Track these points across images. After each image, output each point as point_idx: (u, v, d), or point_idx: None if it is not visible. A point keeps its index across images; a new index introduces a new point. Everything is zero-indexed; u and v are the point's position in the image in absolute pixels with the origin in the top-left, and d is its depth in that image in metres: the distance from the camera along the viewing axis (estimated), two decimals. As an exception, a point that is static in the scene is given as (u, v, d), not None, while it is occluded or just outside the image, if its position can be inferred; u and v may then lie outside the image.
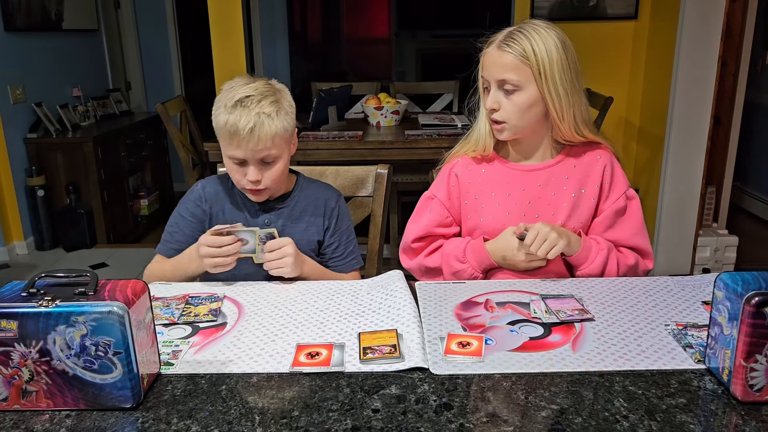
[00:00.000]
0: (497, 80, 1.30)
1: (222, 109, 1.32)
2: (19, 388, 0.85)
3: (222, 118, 1.31)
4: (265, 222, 1.43)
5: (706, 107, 3.03)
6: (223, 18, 3.26)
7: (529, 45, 1.26)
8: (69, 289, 0.86)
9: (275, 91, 1.35)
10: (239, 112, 1.30)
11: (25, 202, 3.78)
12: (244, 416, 0.84)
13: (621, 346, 1.00)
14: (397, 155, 2.77)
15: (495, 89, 1.31)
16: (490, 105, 1.31)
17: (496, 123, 1.33)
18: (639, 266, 1.38)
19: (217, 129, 1.34)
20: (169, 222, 1.46)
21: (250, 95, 1.31)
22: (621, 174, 1.40)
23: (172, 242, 1.43)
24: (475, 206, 1.41)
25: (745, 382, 0.84)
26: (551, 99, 1.29)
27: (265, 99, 1.32)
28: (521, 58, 1.27)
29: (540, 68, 1.26)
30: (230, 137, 1.31)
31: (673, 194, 3.19)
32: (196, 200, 1.45)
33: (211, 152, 2.81)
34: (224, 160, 1.37)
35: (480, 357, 0.97)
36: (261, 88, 1.33)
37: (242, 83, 1.34)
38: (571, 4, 3.50)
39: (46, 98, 3.92)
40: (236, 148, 1.31)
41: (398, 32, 5.80)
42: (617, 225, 1.38)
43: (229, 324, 1.11)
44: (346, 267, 1.48)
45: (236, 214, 1.43)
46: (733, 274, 0.88)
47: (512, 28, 1.31)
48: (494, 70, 1.30)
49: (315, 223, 1.45)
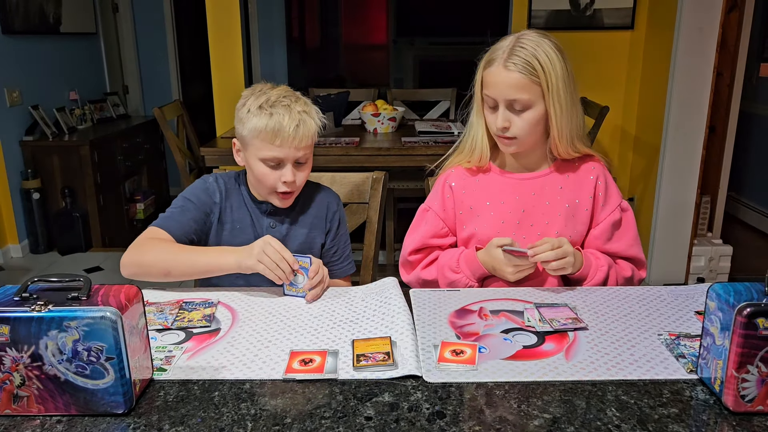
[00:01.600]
0: (507, 100, 1.29)
1: (257, 111, 1.31)
2: (10, 393, 0.85)
3: (261, 119, 1.30)
4: (269, 225, 1.42)
5: (701, 117, 3.05)
6: (221, 23, 3.27)
7: (536, 61, 1.26)
8: (62, 293, 0.86)
9: (299, 94, 1.38)
10: (281, 112, 1.30)
11: (20, 205, 3.77)
12: (237, 423, 0.84)
13: (614, 356, 1.01)
14: (394, 162, 2.77)
15: (504, 108, 1.30)
16: (501, 124, 1.30)
17: (506, 138, 1.33)
18: (634, 277, 1.40)
19: (253, 131, 1.32)
20: (174, 204, 1.40)
21: (285, 95, 1.34)
22: (614, 186, 1.41)
23: (176, 221, 1.35)
24: (470, 216, 1.41)
25: (736, 393, 0.84)
26: (554, 113, 1.29)
27: (299, 99, 1.36)
28: (530, 76, 1.26)
29: (547, 83, 1.27)
30: (273, 137, 1.30)
31: (669, 203, 3.20)
32: (209, 190, 1.41)
33: (207, 157, 2.81)
34: (254, 164, 1.35)
35: (473, 365, 0.97)
36: (288, 91, 1.36)
37: (267, 88, 1.36)
38: (569, 14, 3.52)
39: (42, 101, 3.92)
40: (278, 147, 1.31)
41: (396, 39, 5.82)
42: (614, 237, 1.39)
43: (222, 330, 1.11)
44: (341, 272, 1.49)
45: (244, 213, 1.42)
46: (725, 284, 0.88)
47: (510, 42, 1.29)
48: (503, 90, 1.28)
49: (318, 227, 1.46)
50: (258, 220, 1.42)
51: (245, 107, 1.34)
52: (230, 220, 1.41)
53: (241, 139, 1.37)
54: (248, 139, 1.34)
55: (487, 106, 1.34)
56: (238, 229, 1.41)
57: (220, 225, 1.41)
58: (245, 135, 1.34)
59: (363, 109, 3.31)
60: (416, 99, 4.14)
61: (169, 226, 1.34)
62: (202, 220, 1.38)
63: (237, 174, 1.47)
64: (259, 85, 1.38)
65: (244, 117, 1.33)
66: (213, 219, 1.40)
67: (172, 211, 1.37)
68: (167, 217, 1.36)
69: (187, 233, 1.35)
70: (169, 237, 1.32)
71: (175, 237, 1.32)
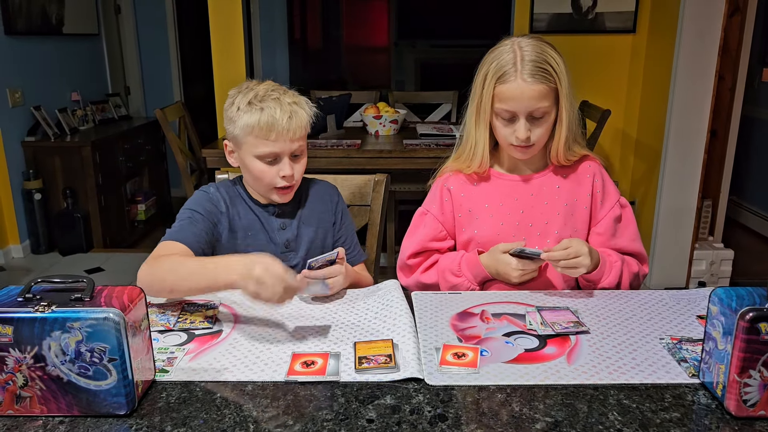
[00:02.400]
0: (528, 111, 1.28)
1: (247, 108, 1.30)
2: (13, 393, 0.85)
3: (252, 116, 1.29)
4: (280, 227, 1.41)
5: (703, 121, 3.05)
6: (223, 25, 3.27)
7: (549, 66, 1.26)
8: (65, 294, 0.86)
9: (285, 87, 1.37)
10: (272, 105, 1.29)
11: (21, 205, 3.77)
12: (239, 425, 0.84)
13: (616, 360, 1.01)
14: (395, 164, 2.77)
15: (524, 119, 1.29)
16: (524, 135, 1.28)
17: (525, 147, 1.32)
18: (640, 272, 1.41)
19: (246, 129, 1.30)
20: (181, 217, 1.34)
21: (273, 89, 1.33)
22: (611, 183, 1.43)
23: (190, 232, 1.30)
24: (468, 219, 1.41)
25: (738, 397, 0.84)
26: (566, 114, 1.30)
27: (287, 92, 1.35)
28: (548, 83, 1.27)
29: (560, 86, 1.28)
30: (267, 132, 1.29)
31: (670, 207, 3.20)
32: (213, 200, 1.38)
33: (209, 158, 2.81)
34: (249, 163, 1.33)
35: (475, 368, 0.97)
36: (274, 85, 1.36)
37: (254, 84, 1.35)
38: (570, 17, 3.52)
39: (44, 102, 3.92)
40: (273, 142, 1.30)
41: (398, 41, 5.83)
42: (617, 233, 1.40)
43: (224, 332, 1.11)
44: (353, 261, 1.47)
45: (252, 219, 1.40)
46: (727, 289, 0.89)
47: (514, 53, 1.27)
48: (525, 102, 1.26)
49: (326, 221, 1.46)
50: (268, 223, 1.41)
51: (234, 105, 1.32)
52: (241, 228, 1.39)
53: (233, 139, 1.35)
54: (241, 137, 1.32)
55: (501, 118, 1.31)
56: (251, 236, 1.39)
57: (232, 234, 1.38)
58: (237, 134, 1.32)
59: (365, 111, 3.32)
60: (418, 101, 4.14)
61: (183, 237, 1.28)
62: (211, 231, 1.34)
63: (233, 181, 1.45)
64: (244, 83, 1.36)
65: (234, 116, 1.31)
66: (221, 229, 1.37)
67: (182, 224, 1.32)
68: (179, 230, 1.30)
69: (201, 244, 1.30)
70: (183, 249, 1.26)
71: (191, 248, 1.26)
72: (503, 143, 1.35)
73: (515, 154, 1.35)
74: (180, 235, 1.29)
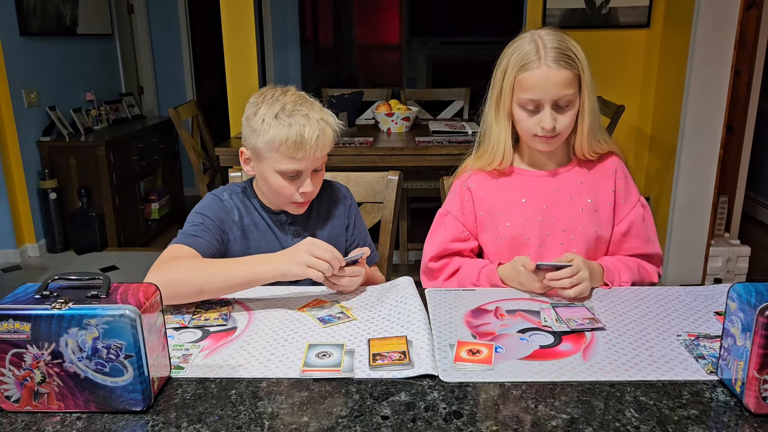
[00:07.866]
0: (554, 99, 1.26)
1: (274, 122, 1.24)
2: (31, 389, 0.86)
3: (280, 131, 1.23)
4: (294, 234, 1.38)
5: (718, 116, 3.01)
6: (235, 24, 3.28)
7: (573, 53, 1.26)
8: (82, 291, 0.86)
9: (311, 98, 1.32)
10: (302, 122, 1.23)
11: (37, 204, 3.81)
12: (254, 421, 0.84)
13: (632, 356, 1.00)
14: (408, 162, 2.77)
15: (549, 108, 1.27)
16: (550, 124, 1.26)
17: (550, 138, 1.30)
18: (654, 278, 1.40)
19: (271, 144, 1.24)
20: (192, 221, 1.31)
21: (300, 101, 1.27)
22: (632, 181, 1.41)
23: (201, 237, 1.27)
24: (491, 216, 1.39)
25: (758, 394, 0.83)
26: (588, 104, 1.29)
27: (314, 105, 1.29)
28: (573, 70, 1.26)
29: (584, 75, 1.27)
30: (294, 150, 1.23)
31: (685, 203, 3.17)
32: (226, 208, 1.35)
33: (222, 157, 2.82)
34: (270, 177, 1.28)
35: (490, 365, 0.97)
36: (300, 96, 1.29)
37: (278, 93, 1.29)
38: (584, 12, 3.50)
39: (59, 102, 3.96)
40: (300, 160, 1.25)
41: (409, 39, 5.82)
42: (639, 234, 1.38)
43: (239, 328, 1.12)
44: (368, 261, 1.45)
45: (265, 227, 1.37)
46: (746, 285, 0.87)
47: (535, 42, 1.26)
48: (550, 89, 1.25)
49: (339, 224, 1.45)
50: (281, 230, 1.38)
51: (258, 116, 1.26)
52: (255, 237, 1.36)
53: (253, 150, 1.29)
54: (264, 151, 1.26)
55: (524, 109, 1.29)
56: (264, 245, 1.36)
57: (245, 242, 1.35)
58: (260, 146, 1.26)
59: (377, 108, 3.31)
60: (430, 99, 4.13)
61: (194, 242, 1.25)
62: (220, 239, 1.31)
63: (243, 187, 1.40)
64: (267, 90, 1.30)
65: (258, 127, 1.25)
66: (231, 236, 1.34)
67: (193, 228, 1.29)
68: (189, 234, 1.27)
69: (211, 250, 1.27)
70: (194, 253, 1.23)
71: (201, 253, 1.24)
72: (526, 136, 1.33)
73: (539, 146, 1.33)
74: (192, 240, 1.26)
